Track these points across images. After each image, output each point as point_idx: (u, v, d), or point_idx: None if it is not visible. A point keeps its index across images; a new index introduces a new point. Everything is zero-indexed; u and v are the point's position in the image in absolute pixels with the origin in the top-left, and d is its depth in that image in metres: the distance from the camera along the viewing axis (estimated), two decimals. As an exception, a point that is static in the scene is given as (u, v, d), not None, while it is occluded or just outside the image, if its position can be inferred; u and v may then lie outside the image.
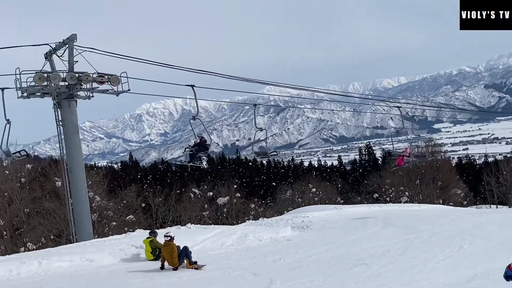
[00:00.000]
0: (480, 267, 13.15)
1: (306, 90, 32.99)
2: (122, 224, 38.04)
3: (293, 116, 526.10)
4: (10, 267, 14.47)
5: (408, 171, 58.49)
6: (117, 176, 67.30)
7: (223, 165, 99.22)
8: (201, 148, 21.89)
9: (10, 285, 13.26)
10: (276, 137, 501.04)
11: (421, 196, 56.06)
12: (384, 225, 24.46)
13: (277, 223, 26.41)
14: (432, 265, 13.95)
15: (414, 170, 58.36)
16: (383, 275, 13.06)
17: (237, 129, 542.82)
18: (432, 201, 53.73)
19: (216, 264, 15.25)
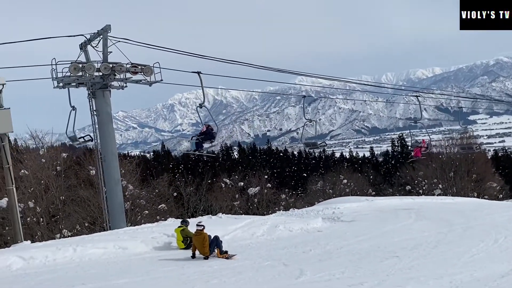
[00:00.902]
0: (516, 262, 12.83)
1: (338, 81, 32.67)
2: (154, 213, 38.61)
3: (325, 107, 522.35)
4: (47, 253, 14.87)
5: (442, 163, 57.44)
6: (149, 165, 68.27)
7: (254, 156, 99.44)
8: (207, 137, 21.78)
9: (46, 270, 13.64)
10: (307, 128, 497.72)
11: (455, 189, 55.00)
12: (417, 217, 24.09)
13: (307, 214, 26.32)
14: (466, 259, 13.68)
15: (448, 162, 57.27)
16: (415, 268, 12.88)
17: (268, 119, 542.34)
18: (466, 194, 52.62)
19: (246, 254, 15.32)
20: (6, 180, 19.39)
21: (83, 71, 20.97)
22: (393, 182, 67.22)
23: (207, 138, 21.83)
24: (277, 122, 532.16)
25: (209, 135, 21.81)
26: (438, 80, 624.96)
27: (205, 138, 21.82)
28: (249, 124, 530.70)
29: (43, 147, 37.96)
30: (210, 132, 21.88)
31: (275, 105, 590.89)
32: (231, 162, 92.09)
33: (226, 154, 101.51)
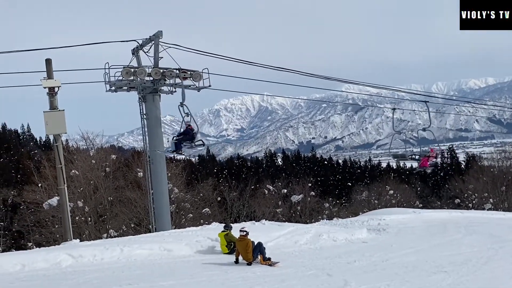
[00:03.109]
0: None
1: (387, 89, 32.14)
2: (198, 217, 39.05)
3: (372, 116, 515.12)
4: (95, 252, 15.28)
5: (494, 177, 55.50)
6: (194, 169, 69.22)
7: (298, 163, 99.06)
8: (187, 137, 20.82)
9: (94, 269, 14.01)
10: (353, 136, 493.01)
11: (507, 204, 52.96)
12: (466, 232, 23.28)
13: (352, 224, 25.90)
14: (519, 278, 13.10)
15: (499, 176, 55.30)
16: (464, 284, 12.44)
17: (313, 127, 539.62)
18: (519, 209, 50.55)
19: (289, 262, 15.22)
20: (58, 179, 20.04)
21: (135, 75, 21.50)
22: (441, 195, 65.44)
23: (186, 139, 20.87)
24: (322, 130, 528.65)
25: (188, 135, 20.83)
26: (491, 91, 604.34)
27: (185, 139, 20.87)
28: (294, 131, 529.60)
29: (93, 149, 39.16)
30: (189, 132, 20.84)
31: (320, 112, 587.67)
32: (274, 169, 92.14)
33: (270, 161, 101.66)
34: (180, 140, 20.97)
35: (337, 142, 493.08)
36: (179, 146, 21.07)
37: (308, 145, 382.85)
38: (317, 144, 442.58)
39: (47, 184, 33.80)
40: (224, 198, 48.30)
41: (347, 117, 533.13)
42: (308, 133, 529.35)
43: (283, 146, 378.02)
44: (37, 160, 47.37)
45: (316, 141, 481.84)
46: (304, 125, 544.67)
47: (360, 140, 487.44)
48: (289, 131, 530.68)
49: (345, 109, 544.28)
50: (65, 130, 19.70)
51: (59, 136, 19.86)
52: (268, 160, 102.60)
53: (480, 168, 61.17)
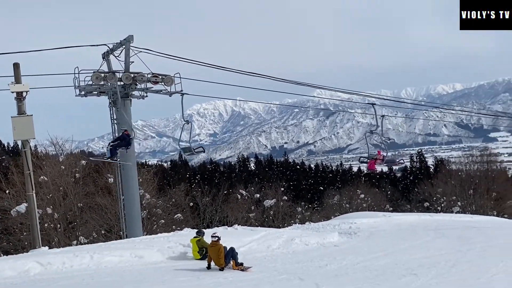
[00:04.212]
0: (538, 284, 12.54)
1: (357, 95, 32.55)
2: (170, 222, 38.76)
3: (343, 121, 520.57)
4: (64, 260, 15.00)
5: (462, 181, 56.76)
6: (166, 174, 68.76)
7: (271, 168, 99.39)
8: (123, 143, 20.04)
9: (63, 276, 13.75)
10: (325, 141, 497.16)
11: (474, 207, 54.20)
12: (435, 235, 23.75)
13: (324, 228, 26.11)
14: (485, 279, 13.40)
15: (467, 179, 56.59)
16: (433, 286, 12.67)
17: (286, 131, 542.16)
18: (485, 212, 51.77)
19: (262, 267, 15.24)
20: (27, 185, 19.65)
21: (105, 80, 21.27)
22: (411, 198, 66.56)
23: (122, 145, 20.07)
24: (295, 135, 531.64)
25: (124, 141, 20.06)
26: (458, 96, 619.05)
27: (120, 145, 20.08)
28: (267, 136, 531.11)
29: (62, 154, 38.47)
30: (126, 138, 20.07)
31: (292, 117, 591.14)
32: (247, 174, 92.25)
33: (242, 166, 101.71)
34: (115, 146, 20.24)
35: (309, 146, 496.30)
36: (114, 152, 20.34)
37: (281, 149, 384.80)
38: (290, 149, 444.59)
39: (15, 190, 33.02)
40: (196, 203, 48.07)
41: (319, 122, 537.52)
42: (281, 137, 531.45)
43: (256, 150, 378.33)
44: (5, 166, 46.30)
45: (288, 146, 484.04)
46: (277, 130, 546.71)
47: (332, 144, 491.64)
48: (261, 136, 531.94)
49: (317, 114, 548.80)
50: (34, 135, 19.33)
51: (27, 141, 19.47)
52: (241, 165, 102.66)
53: (449, 172, 62.47)
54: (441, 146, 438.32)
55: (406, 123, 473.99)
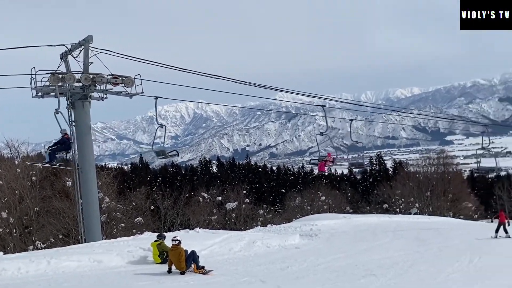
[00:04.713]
0: (490, 281, 12.99)
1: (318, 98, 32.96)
2: (131, 226, 38.16)
3: (305, 123, 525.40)
4: (19, 265, 14.52)
5: (419, 182, 58.18)
6: (127, 177, 67.69)
7: (233, 170, 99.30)
8: (63, 147, 19.78)
9: (18, 282, 13.30)
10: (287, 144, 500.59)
11: (432, 208, 55.66)
12: (394, 236, 24.29)
13: (285, 230, 26.29)
14: (441, 279, 13.79)
15: (424, 181, 58.04)
16: (392, 286, 12.94)
17: (248, 134, 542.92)
18: (442, 213, 53.29)
19: (223, 270, 15.19)
20: (-21, 189, 18.96)
21: (63, 81, 20.74)
22: (370, 200, 67.71)
23: (62, 149, 19.79)
24: (257, 137, 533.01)
25: (64, 145, 19.74)
26: (416, 100, 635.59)
27: (60, 149, 19.78)
28: (229, 138, 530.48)
29: (18, 157, 37.33)
30: (66, 142, 19.73)
31: (255, 120, 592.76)
32: (209, 176, 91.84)
33: (204, 168, 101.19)
34: (54, 151, 19.79)
35: (271, 149, 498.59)
36: (53, 157, 19.94)
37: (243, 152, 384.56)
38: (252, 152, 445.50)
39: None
40: (157, 206, 47.50)
41: (280, 125, 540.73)
42: (243, 140, 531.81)
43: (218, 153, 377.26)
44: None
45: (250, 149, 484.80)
46: (239, 133, 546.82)
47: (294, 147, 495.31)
48: (224, 139, 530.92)
49: (278, 117, 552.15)
50: (-13, 137, 18.66)
51: (-20, 144, 18.79)
52: (203, 167, 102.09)
53: (407, 174, 63.95)
54: (399, 149, 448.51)
55: (366, 126, 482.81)
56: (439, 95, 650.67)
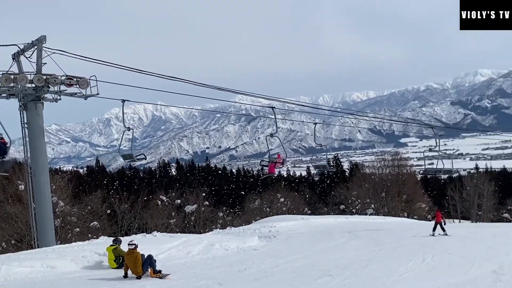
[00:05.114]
0: (442, 280, 13.38)
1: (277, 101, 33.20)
2: (86, 231, 37.37)
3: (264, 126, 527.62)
4: (-33, 273, 13.99)
5: (375, 184, 59.42)
6: (82, 181, 66.16)
7: (192, 173, 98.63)
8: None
9: (-35, 291, 12.82)
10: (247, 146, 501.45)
11: (387, 209, 56.92)
12: (350, 236, 24.73)
13: (244, 233, 26.37)
14: (395, 278, 14.13)
15: (380, 183, 59.32)
16: (347, 286, 13.16)
17: (208, 136, 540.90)
18: (397, 214, 54.62)
19: (181, 273, 15.08)
20: None
21: (15, 82, 20.14)
22: (328, 201, 68.67)
23: None
24: (216, 140, 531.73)
25: (0, 150, 18.74)
26: (372, 103, 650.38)
27: None
28: (188, 141, 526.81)
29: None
30: (2, 146, 18.75)
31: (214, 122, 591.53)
32: (168, 179, 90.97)
33: (163, 171, 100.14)
34: None
35: (231, 151, 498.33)
36: None
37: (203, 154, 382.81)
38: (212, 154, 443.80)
39: None
40: (114, 210, 46.61)
41: (240, 127, 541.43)
42: (203, 142, 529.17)
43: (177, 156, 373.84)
44: None
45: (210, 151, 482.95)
46: (199, 135, 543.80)
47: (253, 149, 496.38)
48: (183, 141, 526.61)
49: (238, 120, 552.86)
50: None
51: None
52: (161, 170, 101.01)
53: (363, 175, 65.21)
54: (355, 151, 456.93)
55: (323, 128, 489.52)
56: (393, 99, 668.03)
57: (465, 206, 67.00)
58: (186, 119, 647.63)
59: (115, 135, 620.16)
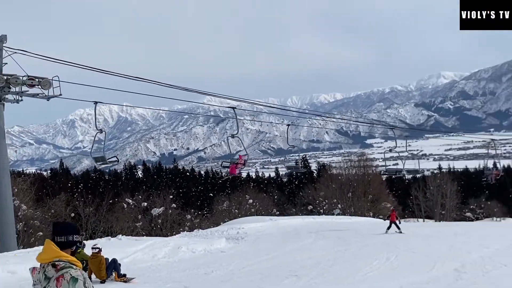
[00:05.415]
0: (405, 279, 13.61)
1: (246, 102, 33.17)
2: (50, 235, 36.43)
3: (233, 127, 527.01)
4: None
5: (342, 184, 60.15)
6: (46, 184, 64.58)
7: (160, 175, 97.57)
8: None
9: None
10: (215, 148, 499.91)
11: (353, 209, 57.64)
12: (317, 237, 24.94)
13: (212, 235, 26.26)
14: (360, 277, 14.30)
15: (346, 183, 60.08)
16: (313, 286, 13.24)
17: (175, 138, 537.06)
18: (363, 213, 55.38)
19: (146, 277, 14.89)
20: None
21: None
22: (296, 202, 69.06)
23: None
24: (184, 141, 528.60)
25: None
26: (339, 105, 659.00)
27: None
28: (155, 142, 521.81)
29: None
30: None
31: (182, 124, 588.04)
32: (134, 182, 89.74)
33: (129, 173, 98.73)
34: None
35: (200, 153, 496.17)
36: None
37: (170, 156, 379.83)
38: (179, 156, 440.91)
39: None
40: (78, 214, 45.68)
41: (209, 129, 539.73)
42: (170, 144, 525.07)
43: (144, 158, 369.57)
44: None
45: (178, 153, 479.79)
46: (166, 137, 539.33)
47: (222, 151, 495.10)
48: (150, 143, 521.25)
49: (207, 121, 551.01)
50: None
51: None
52: (127, 172, 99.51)
53: (330, 176, 65.89)
54: (323, 152, 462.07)
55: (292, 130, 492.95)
56: (359, 101, 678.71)
57: (428, 206, 68.49)
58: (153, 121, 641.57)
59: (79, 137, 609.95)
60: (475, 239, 22.54)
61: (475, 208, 76.32)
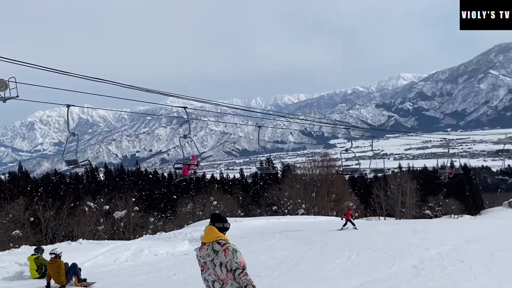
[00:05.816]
0: (366, 276, 13.86)
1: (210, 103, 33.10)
2: (7, 240, 35.49)
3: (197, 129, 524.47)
4: None
5: (306, 184, 60.69)
6: (4, 188, 62.60)
7: (122, 177, 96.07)
8: None
9: None
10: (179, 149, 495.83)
11: (317, 208, 58.23)
12: (281, 237, 25.09)
13: (175, 237, 26.07)
14: (322, 276, 14.48)
15: (310, 183, 60.67)
16: (276, 286, 13.32)
17: (138, 140, 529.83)
18: (326, 213, 56.04)
19: (107, 281, 14.65)
20: None
21: None
22: (261, 203, 69.20)
23: None
24: (147, 143, 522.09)
25: None
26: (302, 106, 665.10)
27: None
28: (117, 144, 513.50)
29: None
30: None
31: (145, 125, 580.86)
32: (96, 185, 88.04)
33: (91, 176, 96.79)
34: None
35: (163, 155, 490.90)
36: None
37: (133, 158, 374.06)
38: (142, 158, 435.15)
39: None
40: (38, 218, 44.49)
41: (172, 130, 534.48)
42: (132, 146, 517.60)
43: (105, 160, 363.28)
44: None
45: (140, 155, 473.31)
46: (128, 138, 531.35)
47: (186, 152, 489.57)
48: (112, 145, 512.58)
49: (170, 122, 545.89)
50: None
51: None
52: (89, 175, 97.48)
53: (294, 176, 66.34)
54: (288, 152, 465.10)
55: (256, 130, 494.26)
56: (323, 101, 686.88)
57: (389, 204, 69.81)
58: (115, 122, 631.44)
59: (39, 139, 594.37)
60: (433, 236, 23.12)
61: (434, 206, 78.32)
